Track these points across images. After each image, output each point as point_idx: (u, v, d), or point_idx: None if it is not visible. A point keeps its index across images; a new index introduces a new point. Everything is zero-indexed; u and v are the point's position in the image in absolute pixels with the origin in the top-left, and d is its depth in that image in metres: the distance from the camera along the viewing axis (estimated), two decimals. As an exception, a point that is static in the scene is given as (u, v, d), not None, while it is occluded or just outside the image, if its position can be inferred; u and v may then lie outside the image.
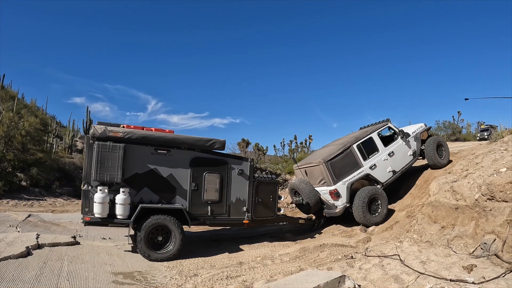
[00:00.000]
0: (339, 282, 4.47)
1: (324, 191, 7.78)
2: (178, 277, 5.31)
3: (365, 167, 7.79)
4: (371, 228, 7.75)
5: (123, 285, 4.78)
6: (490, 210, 5.30)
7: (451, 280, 4.28)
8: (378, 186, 7.93)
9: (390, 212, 8.05)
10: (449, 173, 7.44)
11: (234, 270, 5.57)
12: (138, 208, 5.96)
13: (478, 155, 7.23)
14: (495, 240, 4.89)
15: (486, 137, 21.36)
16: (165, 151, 6.37)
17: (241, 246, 7.52)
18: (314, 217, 9.01)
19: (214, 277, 5.18)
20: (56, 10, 71.01)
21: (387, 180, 8.08)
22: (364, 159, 7.83)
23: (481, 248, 4.96)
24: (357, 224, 7.95)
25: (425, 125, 9.11)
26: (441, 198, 6.50)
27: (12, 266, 5.01)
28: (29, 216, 9.51)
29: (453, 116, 26.20)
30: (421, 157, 8.99)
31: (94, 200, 5.76)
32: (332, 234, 8.08)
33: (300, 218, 8.60)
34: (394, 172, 8.13)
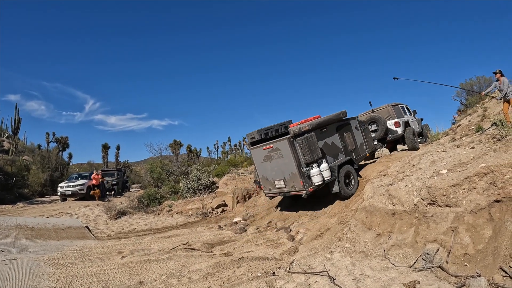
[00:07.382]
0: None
1: (390, 123, 11.54)
2: (63, 302, 4.33)
3: (405, 118, 12.05)
4: (299, 237, 6.83)
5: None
6: (432, 216, 4.58)
7: (391, 303, 3.34)
8: None
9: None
10: (384, 175, 6.81)
11: (130, 293, 4.52)
12: (337, 168, 7.90)
13: (414, 156, 6.73)
14: (438, 249, 4.11)
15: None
16: (325, 129, 8.49)
17: (150, 259, 6.17)
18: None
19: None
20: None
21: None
22: (404, 114, 12.20)
23: (423, 259, 4.14)
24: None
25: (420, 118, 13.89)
26: (376, 203, 5.73)
27: None
28: None
29: None
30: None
31: (312, 174, 7.45)
32: (255, 244, 6.85)
33: (377, 145, 11.19)
34: (417, 128, 12.69)
